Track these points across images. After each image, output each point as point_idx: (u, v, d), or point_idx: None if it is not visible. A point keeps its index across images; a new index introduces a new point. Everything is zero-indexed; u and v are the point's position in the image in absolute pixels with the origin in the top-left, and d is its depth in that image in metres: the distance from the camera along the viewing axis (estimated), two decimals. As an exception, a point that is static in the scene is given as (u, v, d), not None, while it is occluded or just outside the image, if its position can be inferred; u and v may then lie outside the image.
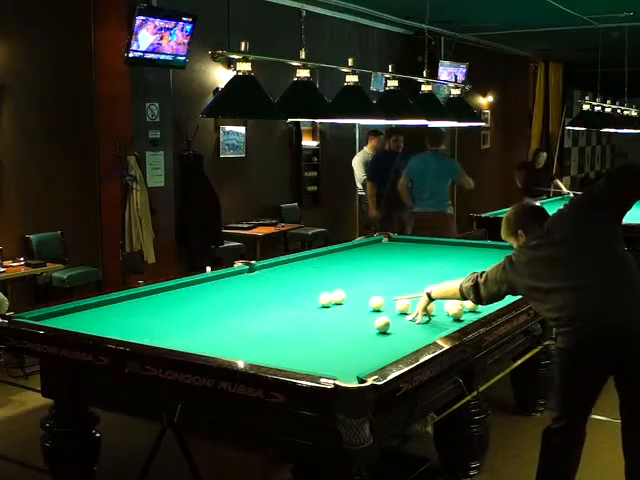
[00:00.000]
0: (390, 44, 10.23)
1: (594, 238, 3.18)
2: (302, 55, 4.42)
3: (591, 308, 3.04)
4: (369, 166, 8.28)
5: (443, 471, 3.55)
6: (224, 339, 3.23)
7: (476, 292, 3.34)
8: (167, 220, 6.86)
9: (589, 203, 3.29)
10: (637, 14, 8.87)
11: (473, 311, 3.58)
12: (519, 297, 3.60)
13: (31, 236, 6.17)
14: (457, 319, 3.48)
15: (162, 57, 6.36)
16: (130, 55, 6.12)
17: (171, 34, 6.34)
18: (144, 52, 6.20)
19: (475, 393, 3.24)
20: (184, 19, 6.39)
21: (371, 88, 6.54)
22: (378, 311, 3.63)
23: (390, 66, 5.42)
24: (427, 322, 3.48)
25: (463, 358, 3.04)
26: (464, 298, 3.44)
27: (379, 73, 5.77)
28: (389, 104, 5.31)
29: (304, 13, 8.07)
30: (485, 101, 12.77)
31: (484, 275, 3.34)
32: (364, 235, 6.37)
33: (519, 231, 3.33)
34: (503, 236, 3.47)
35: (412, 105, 5.59)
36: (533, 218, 3.34)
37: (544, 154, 10.56)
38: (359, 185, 8.72)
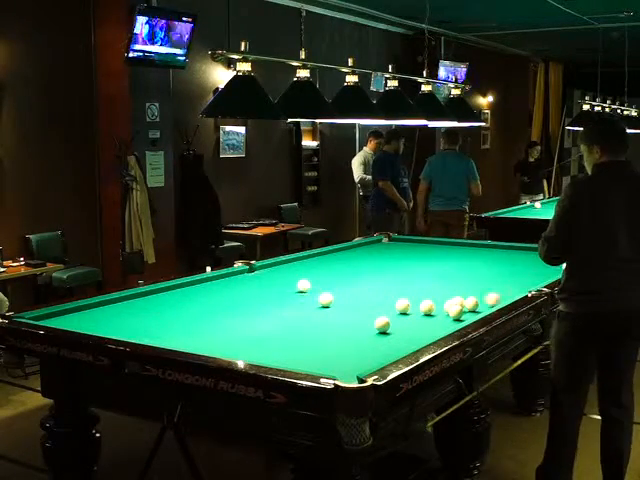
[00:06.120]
0: (390, 44, 10.23)
1: (634, 219, 3.17)
2: (302, 55, 4.42)
3: (609, 285, 3.11)
4: (378, 166, 7.85)
5: (443, 471, 3.55)
6: (224, 339, 3.23)
7: (541, 242, 3.31)
8: (167, 220, 6.86)
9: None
10: (637, 14, 8.88)
11: (473, 311, 3.58)
12: (519, 297, 3.62)
13: (31, 236, 6.17)
14: (457, 319, 3.47)
15: (162, 57, 6.36)
16: (130, 55, 6.12)
17: (171, 34, 6.34)
18: (144, 52, 6.20)
19: (475, 393, 3.24)
20: (184, 19, 6.39)
21: (371, 88, 6.52)
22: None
23: (390, 66, 5.42)
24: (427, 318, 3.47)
25: (463, 358, 3.03)
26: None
27: (379, 73, 5.77)
28: (389, 104, 5.31)
29: (304, 13, 8.08)
30: (485, 101, 12.78)
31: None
32: (364, 235, 6.37)
33: (595, 146, 3.24)
34: (578, 140, 3.37)
35: (412, 105, 5.59)
36: (615, 142, 3.24)
37: (538, 147, 10.87)
38: (357, 181, 8.59)
